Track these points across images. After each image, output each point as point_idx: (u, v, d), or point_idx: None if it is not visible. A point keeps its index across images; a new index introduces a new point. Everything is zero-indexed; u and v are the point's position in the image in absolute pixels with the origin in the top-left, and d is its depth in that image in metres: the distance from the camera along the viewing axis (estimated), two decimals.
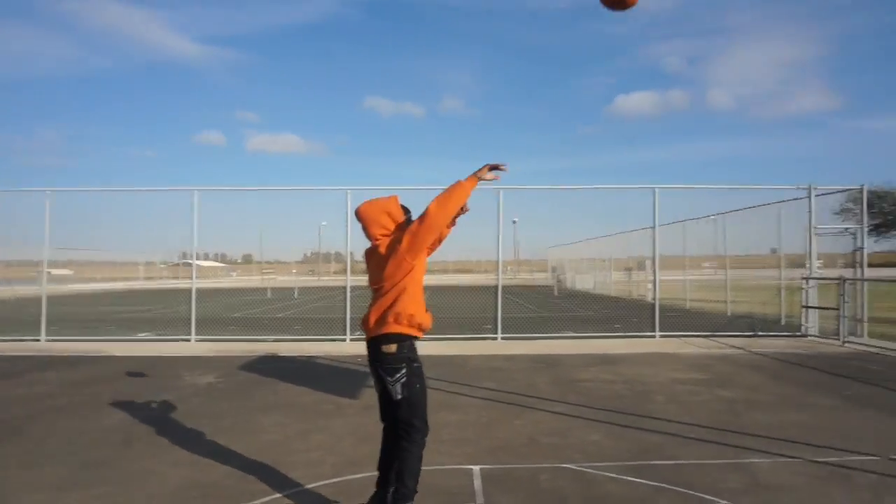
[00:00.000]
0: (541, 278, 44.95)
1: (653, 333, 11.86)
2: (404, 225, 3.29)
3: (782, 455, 4.57)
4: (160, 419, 5.77)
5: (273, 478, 4.13)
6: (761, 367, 8.57)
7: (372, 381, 3.41)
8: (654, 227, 12.23)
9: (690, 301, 19.98)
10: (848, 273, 11.80)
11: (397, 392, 3.19)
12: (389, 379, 3.20)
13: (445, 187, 3.17)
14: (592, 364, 8.86)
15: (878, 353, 9.79)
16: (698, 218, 18.15)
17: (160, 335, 12.75)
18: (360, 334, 10.91)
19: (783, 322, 13.94)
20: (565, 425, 5.47)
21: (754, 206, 14.40)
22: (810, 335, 11.97)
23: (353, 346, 10.82)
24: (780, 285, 14.48)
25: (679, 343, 11.17)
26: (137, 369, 8.54)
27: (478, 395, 6.74)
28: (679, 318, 15.28)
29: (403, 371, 3.18)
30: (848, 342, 10.86)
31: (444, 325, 12.89)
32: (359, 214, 3.32)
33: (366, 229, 3.33)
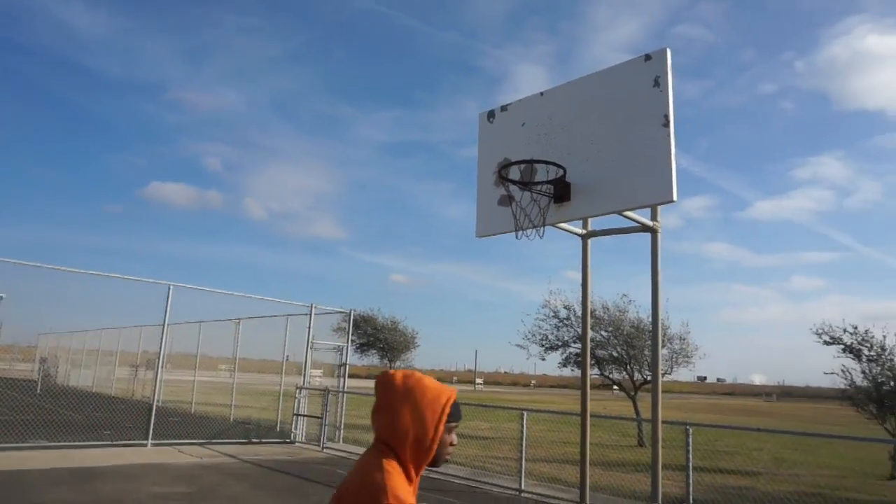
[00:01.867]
0: (25, 369, 37.34)
1: (145, 442, 11.01)
2: None
3: None
4: None
5: None
6: (246, 476, 8.82)
7: None
8: (163, 325, 11.76)
9: (197, 404, 19.51)
10: (333, 384, 13.54)
11: None
12: None
13: None
14: (64, 481, 7.60)
15: (347, 458, 11.29)
16: (219, 320, 18.35)
17: None
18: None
19: (278, 428, 14.84)
20: None
21: (269, 316, 15.68)
22: (298, 442, 13.05)
23: None
24: (280, 392, 15.54)
25: (172, 452, 10.64)
26: None
27: None
28: (180, 424, 14.64)
29: None
30: (327, 447, 12.23)
31: None
32: None
33: None
